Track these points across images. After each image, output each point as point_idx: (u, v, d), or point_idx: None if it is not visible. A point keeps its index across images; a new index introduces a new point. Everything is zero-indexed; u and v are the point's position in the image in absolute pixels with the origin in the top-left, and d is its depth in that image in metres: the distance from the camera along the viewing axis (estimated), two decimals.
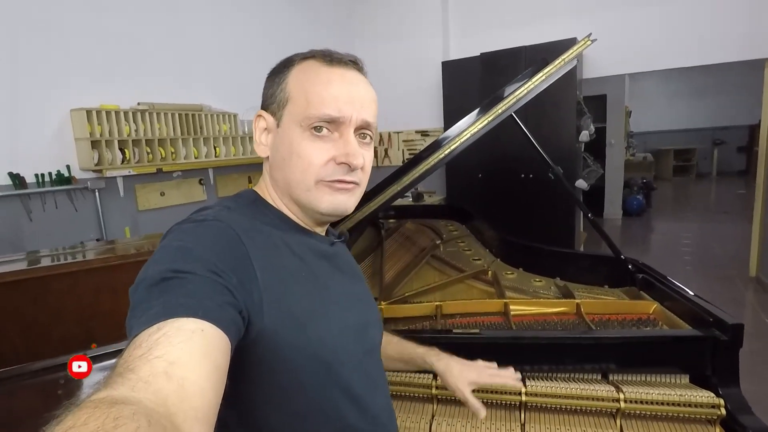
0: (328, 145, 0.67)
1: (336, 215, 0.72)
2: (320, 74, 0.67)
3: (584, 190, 3.85)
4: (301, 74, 0.68)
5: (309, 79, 0.67)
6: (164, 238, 0.59)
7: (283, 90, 0.68)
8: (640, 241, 6.01)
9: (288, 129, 0.67)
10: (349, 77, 0.68)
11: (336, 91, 0.66)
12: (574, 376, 1.20)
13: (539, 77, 1.46)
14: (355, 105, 0.67)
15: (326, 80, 0.66)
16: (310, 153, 0.66)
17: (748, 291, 3.98)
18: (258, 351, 0.58)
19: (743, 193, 8.47)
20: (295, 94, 0.67)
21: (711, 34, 3.72)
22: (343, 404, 0.67)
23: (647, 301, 1.43)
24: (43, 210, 2.69)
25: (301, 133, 0.66)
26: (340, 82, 0.67)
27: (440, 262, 2.00)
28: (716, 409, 1.06)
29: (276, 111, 0.69)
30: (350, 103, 0.66)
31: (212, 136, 3.45)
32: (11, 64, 2.53)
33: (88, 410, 0.35)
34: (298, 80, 0.68)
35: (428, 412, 1.22)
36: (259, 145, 0.72)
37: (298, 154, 0.66)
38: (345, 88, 0.67)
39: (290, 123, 0.67)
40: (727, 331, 1.09)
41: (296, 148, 0.66)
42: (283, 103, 0.68)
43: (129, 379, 0.41)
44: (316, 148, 0.66)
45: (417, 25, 4.80)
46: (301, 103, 0.66)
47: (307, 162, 0.66)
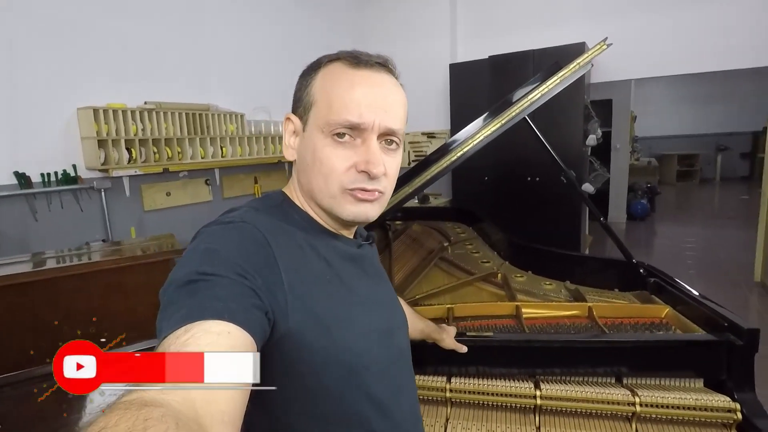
0: (349, 152, 0.65)
1: (358, 223, 0.72)
2: (344, 77, 0.66)
3: (590, 194, 3.85)
4: (326, 77, 0.67)
5: (333, 82, 0.66)
6: (193, 241, 0.60)
7: (309, 93, 0.68)
8: (644, 246, 5.99)
9: (312, 134, 0.67)
10: (375, 80, 0.66)
11: (359, 96, 0.64)
12: (588, 379, 1.19)
13: (554, 81, 1.46)
14: (378, 110, 0.65)
15: (349, 84, 0.65)
16: (331, 160, 0.65)
17: (752, 296, 3.97)
18: (283, 353, 0.59)
19: (746, 198, 8.46)
20: (318, 98, 0.66)
21: (717, 41, 3.72)
22: (366, 408, 0.67)
23: (659, 305, 1.43)
24: (48, 210, 2.69)
25: (323, 139, 0.65)
26: (364, 86, 0.65)
27: (448, 264, 1.99)
28: (732, 414, 1.05)
29: (302, 115, 0.69)
30: (373, 109, 0.64)
31: (219, 136, 3.45)
32: (18, 62, 2.54)
33: (119, 412, 0.36)
34: (322, 84, 0.67)
35: (443, 415, 1.21)
36: (287, 148, 0.72)
37: (320, 161, 0.66)
38: (368, 91, 0.65)
39: (314, 128, 0.67)
40: (743, 335, 1.09)
41: (319, 154, 0.66)
42: (308, 107, 0.68)
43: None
44: (338, 155, 0.65)
45: (425, 26, 4.81)
46: (323, 108, 0.66)
47: (329, 169, 0.65)
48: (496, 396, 1.16)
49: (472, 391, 1.19)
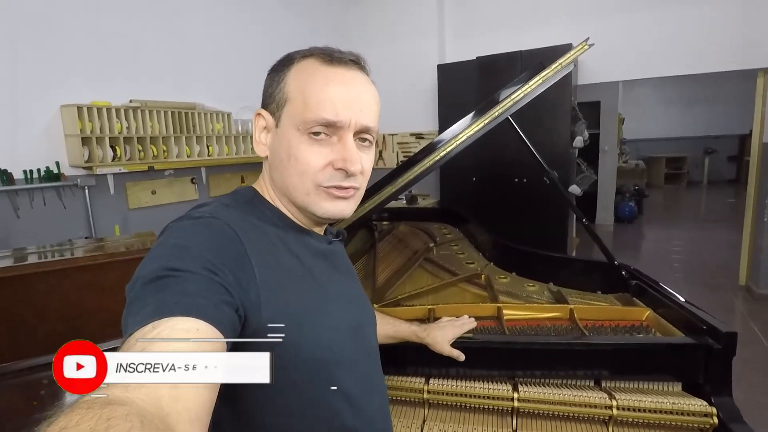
0: (326, 149, 0.65)
1: (333, 220, 0.71)
2: (319, 74, 0.65)
3: (577, 195, 3.87)
4: (300, 74, 0.66)
5: (307, 79, 0.66)
6: (161, 235, 0.59)
7: (282, 90, 0.67)
8: (631, 248, 6.05)
9: (286, 131, 0.66)
10: (349, 78, 0.66)
11: (334, 94, 0.64)
12: (567, 382, 1.19)
13: (536, 81, 1.46)
14: (354, 108, 0.65)
15: (324, 81, 0.65)
16: (307, 157, 0.65)
17: (737, 299, 4.01)
18: (254, 349, 0.57)
19: (733, 201, 8.57)
20: (293, 95, 0.66)
21: (705, 43, 3.76)
22: (338, 404, 0.67)
23: (640, 307, 1.43)
24: (30, 207, 2.65)
25: (299, 137, 0.65)
26: (339, 83, 0.65)
27: (433, 265, 1.98)
28: (709, 418, 1.05)
29: (275, 111, 0.68)
30: (349, 107, 0.65)
31: (205, 135, 3.42)
32: (1, 59, 2.49)
33: (81, 411, 0.35)
34: (296, 80, 0.66)
35: (419, 416, 1.20)
36: (259, 144, 0.71)
37: (295, 158, 0.65)
38: (344, 89, 0.65)
39: (288, 125, 0.66)
40: (721, 339, 1.09)
41: (294, 151, 0.65)
42: (281, 104, 0.67)
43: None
44: (314, 153, 0.65)
45: (412, 27, 4.80)
46: (298, 105, 0.65)
47: (305, 166, 0.65)
48: (474, 398, 1.15)
49: (449, 393, 1.18)
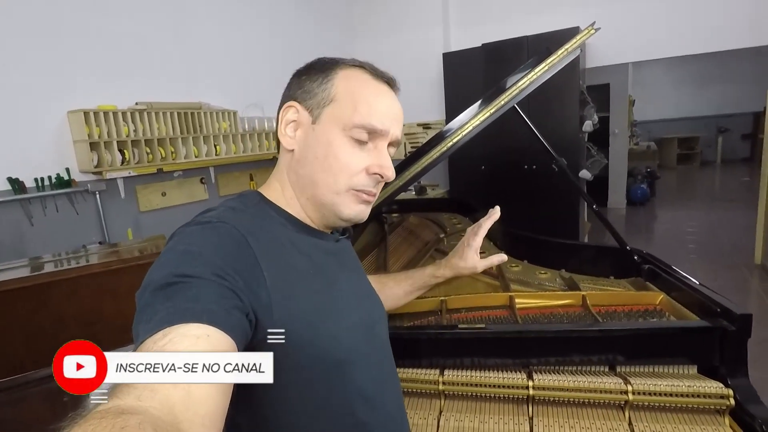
0: (364, 154, 0.69)
1: (353, 223, 0.74)
2: (370, 85, 0.70)
3: (588, 180, 3.83)
4: (351, 79, 0.69)
5: (359, 86, 0.69)
6: (169, 241, 0.59)
7: (328, 89, 0.69)
8: (645, 230, 5.98)
9: (327, 129, 0.68)
10: (391, 95, 0.73)
11: (383, 106, 0.69)
12: (581, 368, 1.19)
13: (542, 67, 1.44)
14: (394, 122, 0.71)
15: (376, 92, 0.69)
16: (348, 159, 0.67)
17: (753, 278, 3.96)
18: (268, 351, 0.58)
19: (747, 180, 8.42)
20: (341, 96, 0.68)
21: (715, 21, 3.67)
22: (354, 401, 0.67)
23: (654, 291, 1.42)
24: (44, 214, 2.69)
25: (341, 137, 0.67)
26: (386, 98, 0.71)
27: (445, 255, 1.98)
28: (725, 400, 1.04)
29: (314, 107, 0.69)
30: (391, 120, 0.70)
31: (212, 135, 3.44)
32: (5, 66, 2.52)
33: (94, 421, 0.35)
34: (347, 83, 0.69)
35: (436, 408, 1.21)
36: (285, 137, 0.71)
37: (335, 157, 0.67)
38: (389, 104, 0.71)
39: (331, 124, 0.68)
40: (735, 321, 1.08)
41: (334, 150, 0.67)
42: (325, 102, 0.68)
43: (135, 388, 0.41)
44: (354, 155, 0.68)
45: (417, 16, 4.76)
46: (347, 107, 0.67)
47: (343, 166, 0.67)
48: (489, 387, 1.16)
49: (464, 383, 1.19)
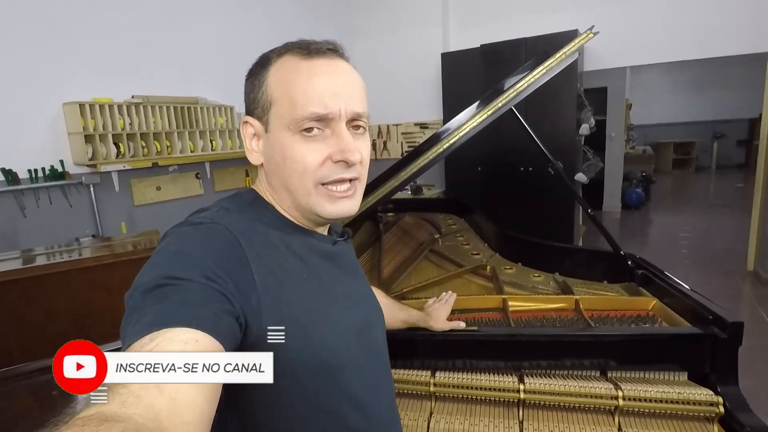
0: (321, 144, 0.63)
1: (340, 219, 0.70)
2: (300, 70, 0.63)
3: (584, 183, 3.84)
4: (280, 73, 0.64)
5: (289, 77, 0.63)
6: (161, 242, 0.58)
7: (264, 93, 0.65)
8: (639, 235, 6.00)
9: (277, 133, 0.64)
10: (331, 68, 0.64)
11: (319, 86, 0.62)
12: (573, 373, 1.19)
13: (540, 70, 1.44)
14: (342, 97, 0.63)
15: (307, 76, 0.62)
16: (304, 156, 0.63)
17: (745, 285, 3.98)
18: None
19: (742, 186, 8.46)
20: (276, 95, 0.64)
21: (713, 27, 3.69)
22: (345, 407, 0.66)
23: (646, 297, 1.42)
24: (37, 206, 2.66)
25: (291, 137, 0.63)
26: (323, 75, 0.63)
27: (438, 256, 1.98)
28: (715, 407, 1.05)
29: (261, 116, 0.66)
30: (336, 97, 0.62)
31: (208, 130, 3.41)
32: (2, 56, 2.48)
33: (76, 428, 0.34)
34: (277, 80, 0.64)
35: (426, 409, 1.21)
36: (251, 153, 0.69)
37: (292, 159, 0.63)
38: (329, 80, 0.63)
39: (278, 127, 0.64)
40: (727, 329, 1.08)
41: (289, 152, 0.63)
42: (266, 107, 0.65)
43: (120, 394, 0.40)
44: (310, 150, 0.63)
45: (416, 16, 4.74)
46: (285, 105, 0.63)
47: (302, 165, 0.63)
48: (480, 390, 1.16)
49: (456, 386, 1.19)
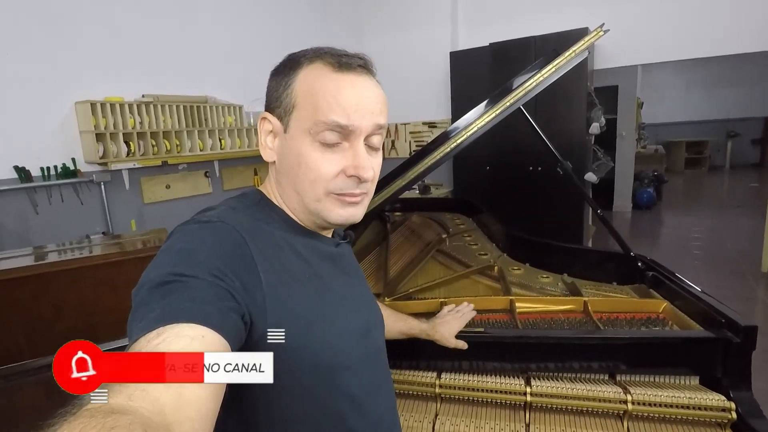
0: (337, 156, 0.65)
1: (345, 225, 0.71)
2: (329, 81, 0.64)
3: (594, 183, 3.80)
4: (309, 79, 0.65)
5: (317, 85, 0.64)
6: (168, 239, 0.59)
7: (289, 95, 0.66)
8: (650, 235, 5.93)
9: (296, 136, 0.65)
10: (359, 84, 0.65)
11: (345, 100, 0.63)
12: (581, 376, 1.17)
13: (549, 69, 1.42)
14: (365, 113, 0.64)
15: (335, 89, 0.63)
16: (319, 165, 0.64)
17: (759, 287, 3.91)
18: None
19: (756, 186, 8.33)
20: (302, 100, 0.65)
21: (726, 24, 3.63)
22: (345, 408, 0.67)
23: (657, 299, 1.40)
24: (49, 203, 2.70)
25: (310, 143, 0.64)
26: (350, 89, 0.64)
27: (446, 256, 1.97)
28: (727, 413, 1.03)
29: (282, 115, 0.67)
30: (359, 113, 0.64)
31: (217, 128, 3.43)
32: (15, 56, 2.52)
33: (84, 420, 0.35)
34: (305, 85, 0.65)
35: (431, 411, 1.20)
36: (265, 149, 0.70)
37: (306, 165, 0.64)
38: (355, 96, 0.64)
39: (298, 130, 0.65)
40: (740, 332, 1.06)
41: (305, 158, 0.64)
42: (289, 109, 0.66)
43: (127, 387, 0.41)
44: (326, 160, 0.64)
45: (425, 14, 4.72)
46: (308, 111, 0.64)
47: (316, 174, 0.64)
48: (486, 392, 1.15)
49: (461, 387, 1.18)
